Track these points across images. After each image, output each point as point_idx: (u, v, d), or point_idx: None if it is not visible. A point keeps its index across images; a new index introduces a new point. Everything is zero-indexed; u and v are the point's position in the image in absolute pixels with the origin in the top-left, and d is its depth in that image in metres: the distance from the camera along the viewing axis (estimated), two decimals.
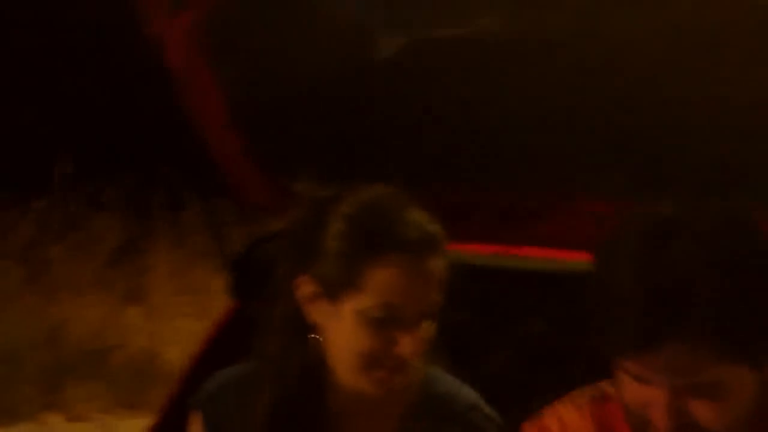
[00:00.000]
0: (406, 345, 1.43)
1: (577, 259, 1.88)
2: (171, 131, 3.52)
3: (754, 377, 1.21)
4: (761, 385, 1.23)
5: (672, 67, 1.87)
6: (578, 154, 2.03)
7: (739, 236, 1.21)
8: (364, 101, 2.11)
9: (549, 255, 2.18)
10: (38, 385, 5.01)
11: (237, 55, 2.15)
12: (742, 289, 1.17)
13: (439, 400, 1.52)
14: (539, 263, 2.17)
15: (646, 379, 1.20)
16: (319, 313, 1.48)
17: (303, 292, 1.48)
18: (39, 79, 7.04)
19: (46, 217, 6.18)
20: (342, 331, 1.46)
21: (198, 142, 2.15)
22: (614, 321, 1.18)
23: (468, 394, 1.55)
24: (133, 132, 6.76)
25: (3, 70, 6.71)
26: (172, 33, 2.04)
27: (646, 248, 1.19)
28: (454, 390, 1.54)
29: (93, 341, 5.48)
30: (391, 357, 1.44)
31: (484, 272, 2.04)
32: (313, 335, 1.49)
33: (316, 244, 1.46)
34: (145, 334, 5.53)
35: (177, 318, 5.62)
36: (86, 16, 6.92)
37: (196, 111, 2.13)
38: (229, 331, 2.14)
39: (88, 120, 6.93)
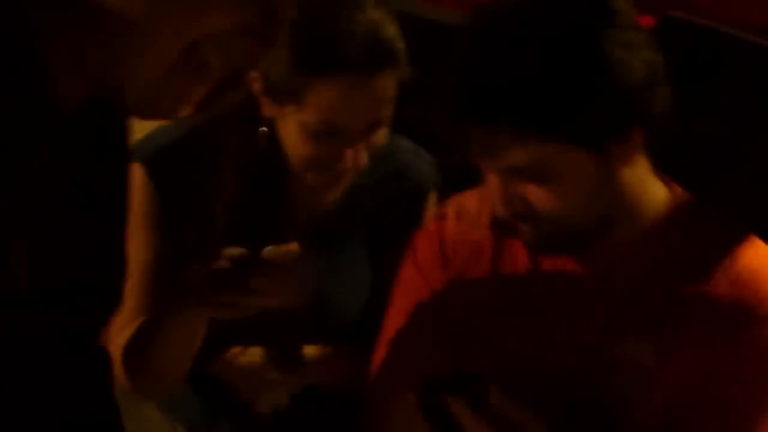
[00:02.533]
0: (349, 157, 1.40)
1: None
2: None
3: (588, 159, 1.20)
4: (600, 167, 1.21)
5: None
6: None
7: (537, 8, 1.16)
8: None
9: None
10: None
11: None
12: (524, 66, 1.14)
13: (379, 155, 1.49)
14: None
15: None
16: (267, 110, 1.42)
17: (254, 87, 1.42)
18: None
19: None
20: (287, 134, 1.42)
21: None
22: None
23: (407, 143, 1.57)
24: None
25: None
26: None
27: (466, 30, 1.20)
28: (391, 142, 1.51)
29: None
30: (335, 165, 1.41)
31: None
32: (263, 128, 1.44)
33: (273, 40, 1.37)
34: None
35: None
36: None
37: None
38: None
39: None
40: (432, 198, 1.60)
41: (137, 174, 1.47)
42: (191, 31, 0.80)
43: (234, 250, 1.26)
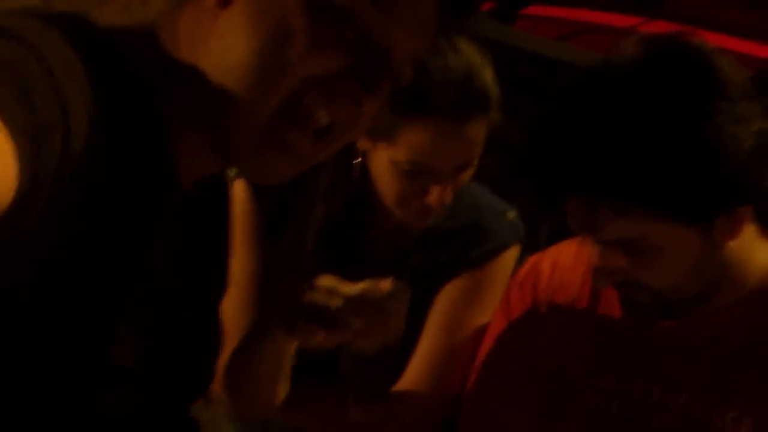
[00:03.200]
0: (436, 196, 1.41)
1: None
2: None
3: (693, 235, 1.16)
4: (706, 241, 1.17)
5: None
6: None
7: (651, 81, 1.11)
8: None
9: None
10: None
11: None
12: (631, 143, 1.09)
13: (468, 206, 1.52)
14: None
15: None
16: (362, 143, 1.45)
17: None
18: None
19: None
20: (378, 168, 1.45)
21: None
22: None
23: (497, 203, 1.56)
24: None
25: None
26: None
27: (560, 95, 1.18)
28: (483, 198, 1.55)
29: None
30: (422, 202, 1.43)
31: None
32: (357, 160, 1.46)
33: (377, 84, 1.37)
34: None
35: None
36: None
37: None
38: None
39: None
40: (510, 256, 1.56)
41: (238, 190, 1.52)
42: (297, 71, 0.82)
43: (329, 281, 1.27)
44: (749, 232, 1.22)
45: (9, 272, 0.73)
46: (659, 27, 2.21)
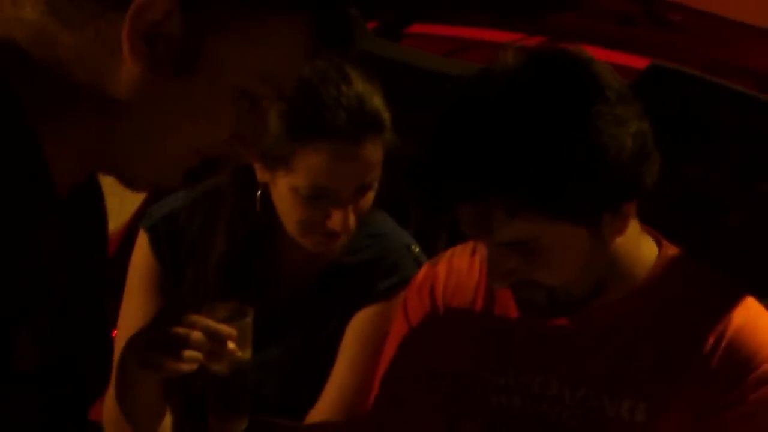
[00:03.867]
0: (338, 220, 1.44)
1: None
2: None
3: (582, 233, 1.20)
4: (594, 239, 1.22)
5: None
6: None
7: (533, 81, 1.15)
8: None
9: None
10: None
11: None
12: (517, 146, 1.13)
13: (373, 239, 1.57)
14: None
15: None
16: (262, 175, 1.48)
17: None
18: None
19: None
20: (279, 198, 1.47)
21: None
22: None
23: (402, 236, 1.60)
24: None
25: None
26: None
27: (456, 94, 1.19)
28: (388, 230, 1.59)
29: None
30: (325, 227, 1.45)
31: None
32: (259, 192, 1.49)
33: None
34: None
35: None
36: None
37: None
38: None
39: None
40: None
41: (141, 240, 1.58)
42: (196, 142, 0.92)
43: (196, 316, 1.26)
44: (633, 229, 1.28)
45: None
46: (539, 41, 2.28)
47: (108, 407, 1.44)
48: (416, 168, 1.21)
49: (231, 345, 1.26)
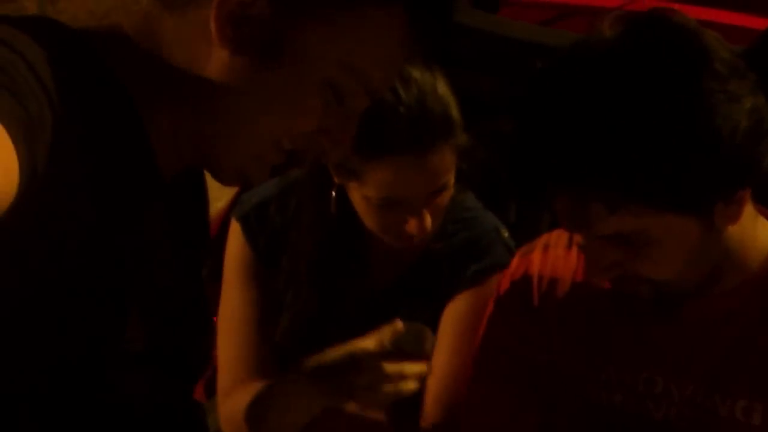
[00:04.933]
0: (413, 225, 1.42)
1: None
2: None
3: (692, 224, 1.09)
4: (705, 229, 1.10)
5: None
6: None
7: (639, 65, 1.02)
8: None
9: None
10: None
11: None
12: (622, 133, 1.01)
13: (461, 223, 1.53)
14: None
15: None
16: (339, 179, 1.46)
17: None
18: None
19: None
20: (355, 202, 1.46)
21: None
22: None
23: (491, 220, 1.56)
24: None
25: None
26: None
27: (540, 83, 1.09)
28: (476, 213, 1.56)
29: None
30: (402, 232, 1.44)
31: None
32: (334, 194, 1.48)
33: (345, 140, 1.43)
34: None
35: None
36: None
37: None
38: None
39: None
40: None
41: (233, 230, 1.58)
42: (282, 132, 0.91)
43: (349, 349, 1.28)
44: (748, 213, 1.16)
45: (17, 265, 0.78)
46: (644, 5, 2.17)
47: (234, 407, 1.47)
48: (507, 155, 1.13)
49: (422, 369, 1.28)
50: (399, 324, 1.27)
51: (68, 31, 0.87)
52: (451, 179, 1.43)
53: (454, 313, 1.49)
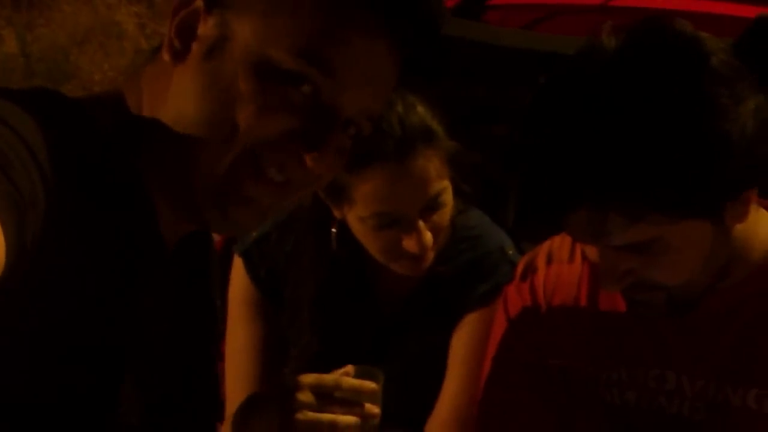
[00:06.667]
0: (413, 243, 1.41)
1: None
2: None
3: (704, 227, 1.09)
4: (716, 230, 1.11)
5: None
6: None
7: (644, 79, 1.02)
8: None
9: None
10: None
11: None
12: (637, 144, 1.01)
13: (466, 243, 1.52)
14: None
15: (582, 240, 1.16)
16: (335, 212, 1.47)
17: (321, 195, 1.47)
18: None
19: None
20: (355, 231, 1.46)
21: None
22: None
23: (497, 236, 1.55)
24: None
25: None
26: None
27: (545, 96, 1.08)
28: (481, 231, 1.54)
29: None
30: (404, 252, 1.42)
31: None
32: (334, 230, 1.49)
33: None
34: None
35: None
36: None
37: None
38: None
39: None
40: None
41: (237, 264, 1.59)
42: (243, 135, 0.86)
43: (312, 379, 1.26)
44: (752, 209, 1.17)
45: (8, 335, 0.77)
46: (630, 0, 2.16)
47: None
48: (524, 167, 1.10)
49: (372, 409, 1.27)
50: (350, 368, 1.28)
51: (66, 101, 0.86)
52: (448, 196, 1.42)
53: (464, 337, 1.49)
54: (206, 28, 0.87)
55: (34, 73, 5.75)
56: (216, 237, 1.40)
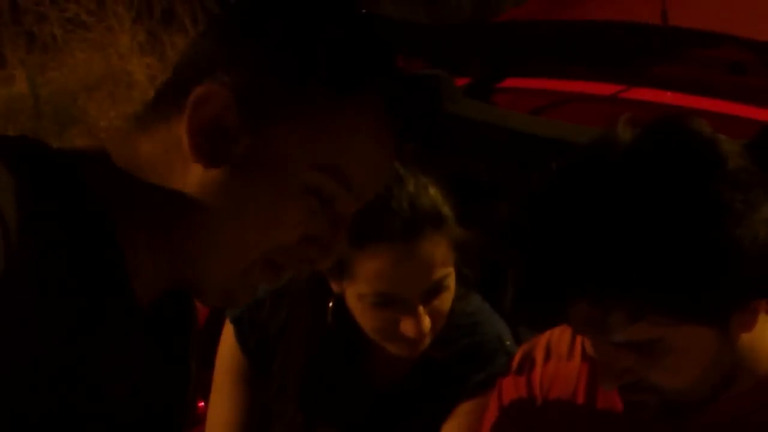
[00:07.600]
0: (410, 327, 1.37)
1: None
2: None
3: (708, 333, 1.06)
4: (721, 338, 1.07)
5: None
6: None
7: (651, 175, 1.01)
8: None
9: None
10: None
11: None
12: (648, 243, 0.99)
13: (464, 330, 1.49)
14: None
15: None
16: (334, 286, 1.44)
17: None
18: None
19: None
20: (352, 307, 1.42)
21: None
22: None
23: (496, 325, 1.51)
24: None
25: None
26: None
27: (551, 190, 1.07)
28: (480, 318, 1.51)
29: None
30: (401, 333, 1.38)
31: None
32: (331, 304, 1.46)
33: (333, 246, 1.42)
34: None
35: None
36: None
37: None
38: None
39: None
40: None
41: (227, 331, 1.56)
42: (265, 245, 0.88)
43: None
44: (761, 320, 1.13)
45: None
46: (641, 93, 2.16)
47: None
48: (526, 256, 1.08)
49: None
50: None
51: (49, 152, 0.85)
52: (451, 281, 1.40)
53: (455, 427, 1.45)
54: (245, 137, 0.86)
55: (41, 114, 5.78)
56: None
